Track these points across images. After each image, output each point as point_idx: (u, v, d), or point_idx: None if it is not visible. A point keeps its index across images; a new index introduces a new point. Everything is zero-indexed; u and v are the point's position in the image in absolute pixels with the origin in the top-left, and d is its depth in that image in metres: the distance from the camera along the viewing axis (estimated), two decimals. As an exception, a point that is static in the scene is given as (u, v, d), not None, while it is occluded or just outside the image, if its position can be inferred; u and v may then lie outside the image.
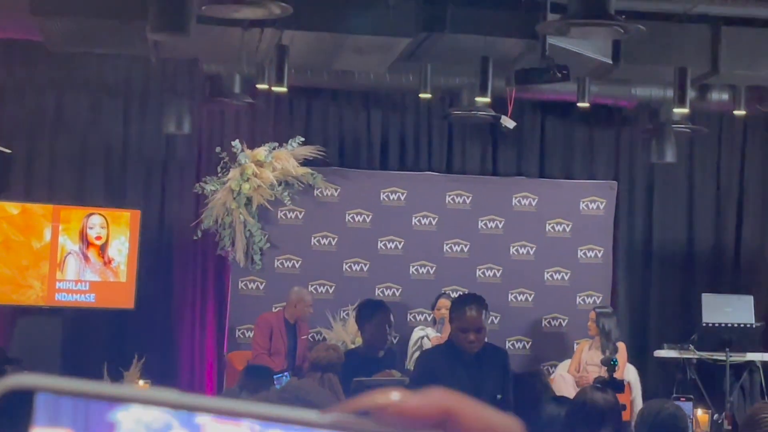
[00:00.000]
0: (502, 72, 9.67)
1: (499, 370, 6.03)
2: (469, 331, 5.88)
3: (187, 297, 11.38)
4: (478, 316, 5.90)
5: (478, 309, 5.95)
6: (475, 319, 5.88)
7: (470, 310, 5.91)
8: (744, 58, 9.42)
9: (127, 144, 11.34)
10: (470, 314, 5.90)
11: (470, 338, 5.87)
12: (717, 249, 12.10)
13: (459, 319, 5.94)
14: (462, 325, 5.89)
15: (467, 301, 6.10)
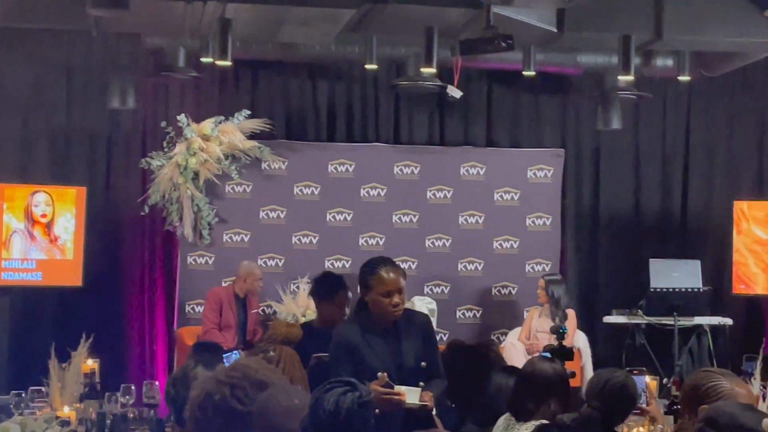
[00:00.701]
0: (447, 42, 9.65)
1: (421, 336, 5.53)
2: (393, 294, 5.36)
3: (135, 273, 11.30)
4: (398, 276, 5.39)
5: (395, 268, 5.44)
6: (396, 280, 5.36)
7: (388, 272, 5.38)
8: (687, 23, 9.44)
9: (70, 120, 11.21)
10: (390, 275, 5.37)
11: (395, 301, 5.38)
12: (664, 214, 12.18)
13: (379, 283, 5.35)
14: (384, 289, 5.34)
15: (380, 262, 5.47)
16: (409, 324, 5.51)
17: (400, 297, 5.39)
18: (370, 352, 5.38)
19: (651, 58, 11.04)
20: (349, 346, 5.40)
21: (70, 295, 10.85)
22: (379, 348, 5.41)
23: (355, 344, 5.40)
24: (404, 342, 5.46)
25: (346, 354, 5.39)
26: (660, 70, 11.24)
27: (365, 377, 4.83)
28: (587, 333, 11.04)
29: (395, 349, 5.44)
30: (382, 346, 5.42)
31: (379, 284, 5.37)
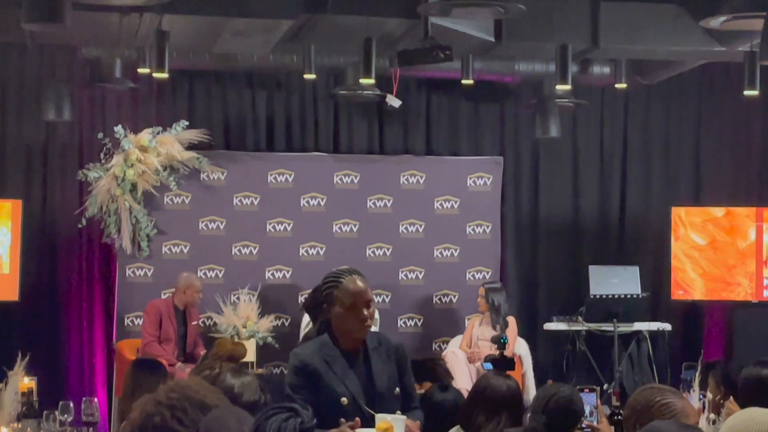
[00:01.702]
0: (386, 51, 9.66)
1: (394, 359, 4.82)
2: (361, 306, 4.66)
3: (72, 286, 11.17)
4: (366, 286, 4.72)
5: (361, 277, 4.77)
6: (364, 290, 4.69)
7: (354, 281, 4.71)
8: (623, 32, 9.51)
9: (5, 132, 11.08)
10: (357, 284, 4.70)
11: (364, 314, 4.68)
12: (602, 221, 12.25)
13: (344, 294, 4.67)
14: (351, 301, 4.64)
15: (343, 272, 4.81)
16: (378, 344, 4.82)
17: (369, 310, 4.71)
18: (333, 376, 4.66)
19: (588, 66, 11.12)
20: (307, 369, 4.66)
21: (6, 310, 10.71)
22: (343, 371, 4.69)
23: (314, 367, 4.66)
24: (374, 364, 4.77)
25: (303, 378, 4.66)
26: (597, 77, 11.33)
27: (327, 404, 4.53)
28: (528, 340, 11.09)
29: (363, 372, 4.74)
30: (346, 369, 4.70)
31: (345, 295, 4.68)
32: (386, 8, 8.78)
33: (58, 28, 7.57)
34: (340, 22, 8.95)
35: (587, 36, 9.40)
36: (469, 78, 10.51)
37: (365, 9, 8.75)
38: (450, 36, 8.71)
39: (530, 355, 10.90)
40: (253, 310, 10.95)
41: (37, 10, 6.77)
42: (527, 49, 10.12)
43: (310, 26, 9.19)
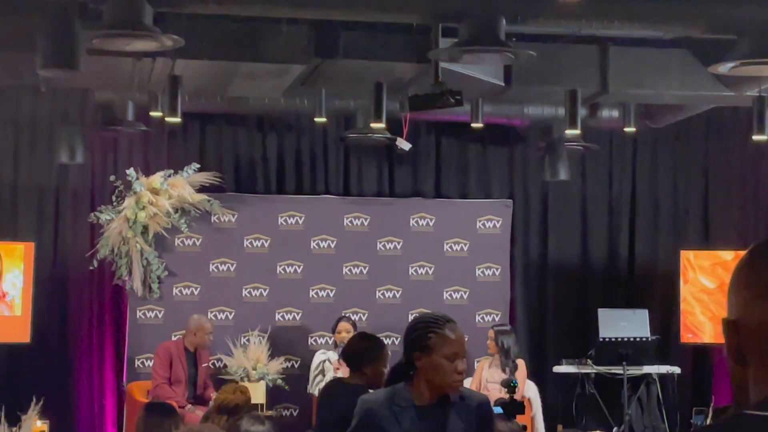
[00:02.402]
0: (396, 94, 9.73)
1: (475, 420, 4.35)
2: (459, 358, 4.19)
3: (84, 328, 11.22)
4: (463, 337, 4.27)
5: (458, 327, 4.29)
6: (462, 341, 4.24)
7: (454, 330, 4.23)
8: (632, 77, 9.59)
9: (18, 175, 11.16)
10: (457, 334, 4.23)
11: (460, 367, 4.21)
12: (611, 264, 12.28)
13: (443, 343, 4.18)
14: (450, 351, 4.16)
15: (441, 319, 4.28)
16: (460, 399, 4.32)
17: (463, 363, 4.27)
18: (398, 430, 4.27)
19: (597, 110, 11.18)
20: (371, 420, 4.31)
21: (18, 352, 10.75)
22: (411, 426, 4.27)
23: (379, 418, 4.29)
24: (452, 421, 4.29)
25: (366, 429, 4.34)
26: (606, 121, 11.39)
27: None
28: (537, 382, 11.08)
29: (435, 428, 4.30)
30: (415, 423, 4.27)
31: (445, 344, 4.20)
32: (396, 53, 8.86)
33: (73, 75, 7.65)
34: (351, 66, 9.02)
35: (596, 80, 9.47)
36: (479, 121, 10.58)
37: (376, 54, 8.83)
38: (460, 80, 8.78)
39: (539, 398, 10.89)
40: (263, 352, 10.98)
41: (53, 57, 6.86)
42: (536, 93, 10.19)
43: (321, 71, 9.26)
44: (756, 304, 1.74)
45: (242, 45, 8.58)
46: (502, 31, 7.52)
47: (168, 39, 7.15)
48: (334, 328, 10.50)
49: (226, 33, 8.48)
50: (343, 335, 10.34)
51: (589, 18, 7.88)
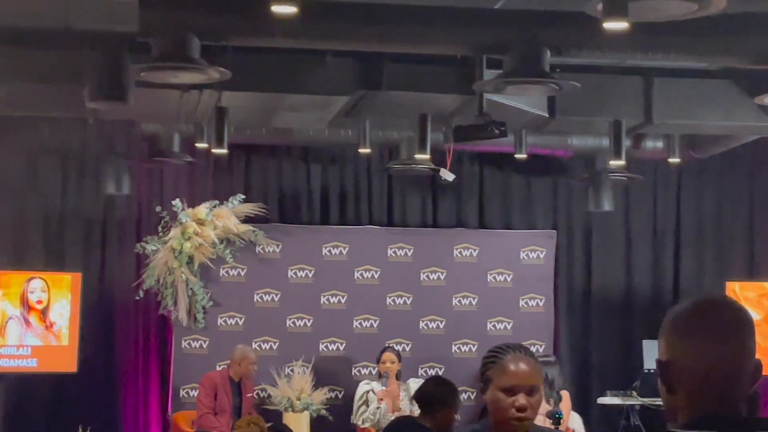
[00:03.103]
0: (440, 125, 9.77)
1: None
2: (518, 392, 3.66)
3: (129, 358, 11.29)
4: (531, 368, 3.69)
5: (527, 358, 3.72)
6: (528, 373, 3.67)
7: (516, 361, 3.69)
8: (676, 108, 9.57)
9: (65, 206, 11.27)
10: (519, 366, 3.69)
11: (521, 403, 3.65)
12: (656, 294, 12.23)
13: (500, 373, 3.70)
14: (508, 384, 3.66)
15: (508, 348, 3.77)
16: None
17: (530, 398, 3.67)
18: None
19: (641, 140, 11.16)
20: None
21: (64, 381, 10.84)
22: None
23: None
24: None
25: None
26: (650, 152, 11.36)
27: None
28: (582, 414, 11.00)
29: None
30: None
31: (502, 376, 3.70)
32: (441, 84, 8.91)
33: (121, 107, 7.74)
34: (395, 98, 9.07)
35: (640, 111, 9.47)
36: (522, 152, 10.59)
37: (420, 85, 8.88)
38: (504, 112, 8.81)
39: (584, 429, 10.82)
40: (307, 383, 11.00)
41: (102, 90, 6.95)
42: (580, 124, 10.19)
43: (365, 102, 9.32)
44: (680, 348, 2.28)
45: (287, 77, 8.65)
46: (546, 63, 7.55)
47: (215, 71, 7.23)
48: (378, 359, 10.52)
49: (271, 65, 8.56)
50: (388, 365, 10.36)
51: (634, 49, 7.88)
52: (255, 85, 8.66)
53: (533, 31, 7.52)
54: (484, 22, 7.61)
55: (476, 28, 7.64)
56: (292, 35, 7.58)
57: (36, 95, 8.88)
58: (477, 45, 7.89)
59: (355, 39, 7.82)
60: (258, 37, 7.67)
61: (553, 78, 7.56)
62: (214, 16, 7.37)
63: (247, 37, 7.68)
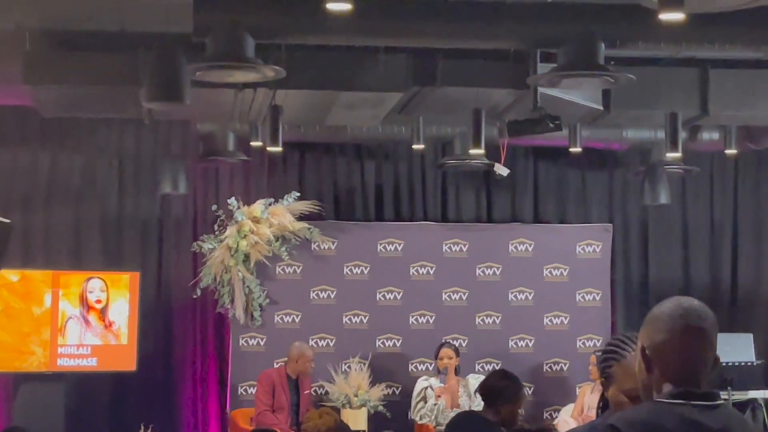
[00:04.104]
0: (493, 120, 9.74)
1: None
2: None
3: (187, 356, 11.37)
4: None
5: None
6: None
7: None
8: (732, 98, 9.49)
9: (122, 206, 11.37)
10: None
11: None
12: (714, 287, 12.13)
13: (626, 375, 3.43)
14: (633, 386, 3.21)
15: (632, 342, 3.48)
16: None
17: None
18: None
19: (697, 132, 11.06)
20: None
21: (124, 380, 10.93)
22: None
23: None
24: None
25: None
26: (706, 143, 11.25)
27: None
28: (640, 408, 10.95)
29: None
30: None
31: (624, 377, 3.45)
32: (494, 79, 8.88)
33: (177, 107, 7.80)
34: (449, 93, 9.06)
35: (696, 103, 9.39)
36: (577, 146, 10.52)
37: (473, 80, 8.86)
38: (558, 105, 8.77)
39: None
40: (364, 379, 11.02)
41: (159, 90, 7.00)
42: (635, 116, 10.13)
43: (419, 98, 9.31)
44: (659, 339, 2.90)
45: (341, 74, 8.67)
46: (600, 56, 7.51)
47: (269, 70, 7.26)
48: (436, 354, 10.51)
49: (325, 63, 8.59)
50: (446, 361, 10.35)
51: (689, 40, 7.82)
52: (309, 83, 8.68)
53: (587, 23, 7.49)
54: (537, 15, 7.58)
55: (530, 22, 7.62)
56: (346, 32, 7.60)
57: (93, 97, 8.98)
58: (531, 39, 7.87)
59: (409, 35, 7.83)
60: (312, 35, 7.69)
61: (608, 70, 7.52)
62: (267, 14, 7.40)
63: (301, 35, 7.71)
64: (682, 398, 2.85)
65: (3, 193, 11.02)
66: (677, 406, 2.85)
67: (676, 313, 2.92)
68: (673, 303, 2.98)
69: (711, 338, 2.95)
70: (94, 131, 11.22)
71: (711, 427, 2.86)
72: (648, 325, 2.95)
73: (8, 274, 10.22)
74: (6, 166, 11.09)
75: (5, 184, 11.07)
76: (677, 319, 2.91)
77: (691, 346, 2.90)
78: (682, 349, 2.89)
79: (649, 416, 2.86)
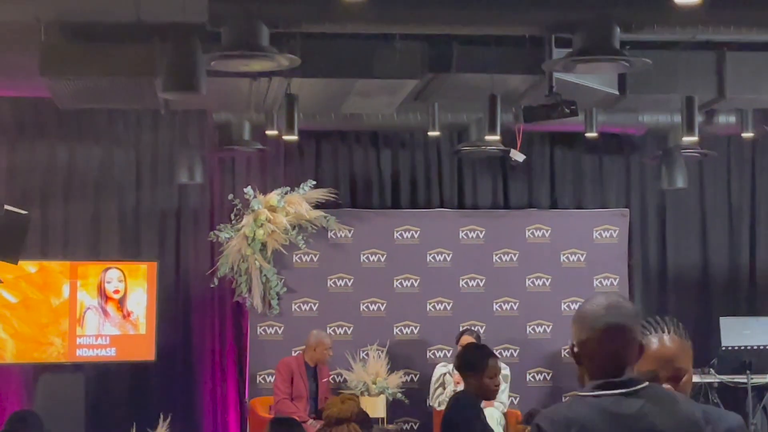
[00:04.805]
0: (509, 106, 9.73)
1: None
2: (662, 381, 3.36)
3: (206, 345, 11.40)
4: (677, 349, 3.44)
5: (677, 337, 3.46)
6: (672, 356, 3.42)
7: (663, 342, 3.42)
8: (749, 82, 9.43)
9: (140, 196, 11.40)
10: (665, 347, 3.43)
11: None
12: (732, 271, 12.10)
13: (644, 357, 3.30)
14: (646, 367, 3.31)
15: (655, 324, 3.47)
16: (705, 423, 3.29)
17: (673, 385, 3.37)
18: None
19: (714, 116, 11.02)
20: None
21: (143, 370, 10.97)
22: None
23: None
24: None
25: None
26: (723, 127, 11.21)
27: None
28: (659, 393, 10.95)
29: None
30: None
31: (642, 358, 3.28)
32: (510, 65, 8.86)
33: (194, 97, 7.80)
34: (464, 80, 9.04)
35: (713, 86, 9.34)
36: (593, 131, 10.52)
37: (489, 66, 8.84)
38: (574, 90, 8.75)
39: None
40: (382, 366, 11.03)
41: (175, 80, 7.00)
42: (652, 101, 10.09)
43: (434, 85, 9.31)
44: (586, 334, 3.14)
45: (356, 62, 8.65)
46: (616, 40, 7.49)
47: (284, 58, 7.27)
48: (457, 340, 10.50)
49: (340, 51, 8.58)
50: (464, 348, 10.33)
51: (705, 24, 7.79)
52: (324, 72, 8.68)
53: (603, 8, 7.46)
54: (552, 0, 7.56)
55: (545, 7, 7.61)
56: (360, 20, 7.59)
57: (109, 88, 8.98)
58: (546, 24, 7.85)
59: (424, 22, 7.82)
60: (326, 23, 7.68)
61: (624, 55, 7.50)
62: (282, 3, 7.41)
63: (316, 24, 7.70)
64: (602, 390, 3.08)
65: (21, 184, 11.06)
66: (596, 398, 3.08)
67: (598, 312, 3.14)
68: (595, 301, 3.19)
69: (632, 333, 3.15)
70: (111, 122, 11.25)
71: (625, 414, 3.07)
72: (574, 324, 3.19)
73: (26, 266, 10.26)
74: (24, 157, 11.13)
75: (23, 175, 11.11)
76: (598, 318, 3.13)
77: (611, 343, 3.12)
78: (603, 346, 3.12)
79: (568, 412, 3.09)
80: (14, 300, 10.38)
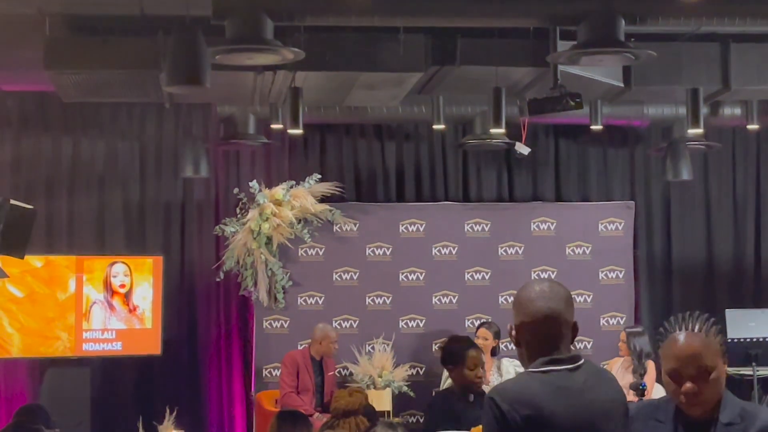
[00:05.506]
0: (514, 99, 9.72)
1: None
2: (684, 378, 3.47)
3: (212, 339, 11.42)
4: (700, 347, 3.49)
5: (697, 336, 3.53)
6: (692, 356, 3.50)
7: (677, 341, 3.55)
8: (754, 73, 9.43)
9: (145, 191, 11.40)
10: (686, 345, 3.50)
11: (687, 387, 3.44)
12: (737, 263, 12.09)
13: (665, 352, 3.57)
14: (671, 367, 3.52)
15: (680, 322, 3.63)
16: (739, 420, 3.46)
17: (697, 384, 3.46)
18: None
19: (718, 107, 11.02)
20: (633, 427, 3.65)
21: (149, 364, 10.99)
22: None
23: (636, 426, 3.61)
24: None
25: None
26: (728, 119, 11.20)
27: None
28: (665, 385, 10.94)
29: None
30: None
31: (666, 356, 3.55)
32: (514, 58, 8.86)
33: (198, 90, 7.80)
34: (469, 72, 9.04)
35: (718, 78, 9.35)
36: (598, 123, 10.51)
37: (493, 59, 8.84)
38: (579, 83, 8.75)
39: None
40: (388, 360, 11.03)
41: (179, 74, 7.00)
42: (656, 93, 10.09)
43: (439, 78, 9.31)
44: (522, 317, 3.42)
45: (360, 55, 8.65)
46: (621, 32, 7.49)
47: (289, 52, 7.26)
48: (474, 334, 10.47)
49: (344, 44, 8.58)
50: (481, 341, 10.25)
51: (710, 16, 7.79)
52: (329, 65, 8.68)
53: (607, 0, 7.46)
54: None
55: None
56: (364, 13, 7.59)
57: (114, 82, 9.01)
58: (550, 16, 7.86)
59: (428, 14, 7.82)
60: (331, 16, 7.68)
61: (629, 47, 7.49)
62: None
63: (320, 17, 7.70)
64: (550, 365, 3.37)
65: (26, 178, 11.08)
66: (545, 374, 3.36)
67: (531, 297, 3.42)
68: (529, 287, 3.46)
69: (564, 315, 3.43)
70: (115, 116, 11.25)
71: (572, 387, 3.37)
72: (513, 308, 3.47)
73: (32, 260, 10.27)
74: (29, 151, 11.14)
75: (28, 169, 11.12)
76: (532, 303, 3.41)
77: (545, 326, 3.40)
78: (538, 329, 3.40)
79: (520, 386, 3.36)
80: (20, 294, 10.40)
